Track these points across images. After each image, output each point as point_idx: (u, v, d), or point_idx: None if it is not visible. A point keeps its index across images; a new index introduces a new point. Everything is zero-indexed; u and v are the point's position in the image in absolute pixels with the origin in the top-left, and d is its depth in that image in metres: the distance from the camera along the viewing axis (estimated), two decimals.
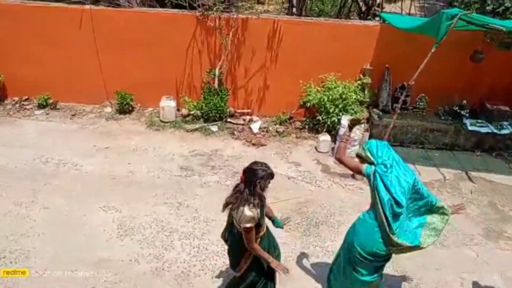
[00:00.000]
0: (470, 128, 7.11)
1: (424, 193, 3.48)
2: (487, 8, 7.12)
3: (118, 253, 4.51)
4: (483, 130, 7.11)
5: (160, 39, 7.31)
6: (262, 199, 3.16)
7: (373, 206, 3.44)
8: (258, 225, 3.20)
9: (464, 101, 7.35)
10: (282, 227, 3.67)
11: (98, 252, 4.49)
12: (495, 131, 7.08)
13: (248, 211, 3.01)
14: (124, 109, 7.66)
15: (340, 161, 3.58)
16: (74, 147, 6.52)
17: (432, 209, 3.53)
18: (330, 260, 4.57)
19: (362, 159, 3.49)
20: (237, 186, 3.17)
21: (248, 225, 3.02)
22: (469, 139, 7.21)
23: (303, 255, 4.68)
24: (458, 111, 7.34)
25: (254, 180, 3.03)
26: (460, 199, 5.97)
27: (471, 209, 5.77)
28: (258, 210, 3.09)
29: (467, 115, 7.30)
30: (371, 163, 3.41)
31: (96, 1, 7.88)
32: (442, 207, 3.55)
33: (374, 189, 3.34)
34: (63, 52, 7.44)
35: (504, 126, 7.12)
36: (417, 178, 3.47)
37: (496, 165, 6.93)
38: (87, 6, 7.24)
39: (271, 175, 3.13)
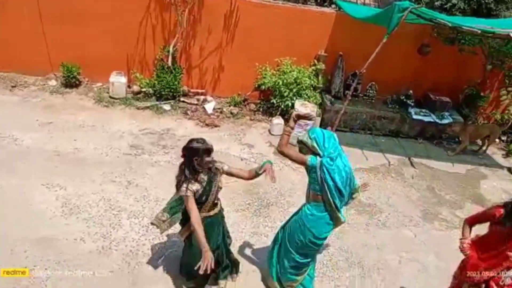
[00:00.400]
0: (414, 116, 7.50)
1: (353, 178, 3.61)
2: (436, 3, 7.48)
3: (63, 231, 4.33)
4: (426, 119, 7.53)
5: (112, 12, 6.97)
6: (211, 174, 3.25)
7: (315, 198, 3.48)
8: (200, 202, 3.25)
9: (411, 91, 7.72)
10: (263, 171, 3.40)
11: (41, 231, 4.27)
12: (437, 120, 7.51)
13: (184, 185, 3.14)
14: (71, 82, 7.26)
15: (283, 153, 3.41)
16: (15, 120, 6.10)
17: (353, 190, 3.70)
18: None
19: (304, 145, 3.43)
20: (181, 164, 3.25)
21: (183, 194, 3.16)
22: (413, 127, 7.61)
23: (252, 235, 4.75)
24: (405, 100, 7.70)
25: (191, 157, 3.11)
26: (403, 183, 6.31)
27: (412, 193, 6.12)
28: (200, 186, 3.19)
29: (412, 104, 7.68)
30: (315, 154, 3.36)
31: None
32: (357, 186, 3.73)
33: (321, 180, 3.34)
34: (1, 15, 6.87)
35: (445, 116, 7.58)
36: (351, 166, 3.56)
37: (436, 152, 7.39)
38: None
39: (207, 150, 3.16)
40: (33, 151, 5.54)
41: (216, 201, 3.41)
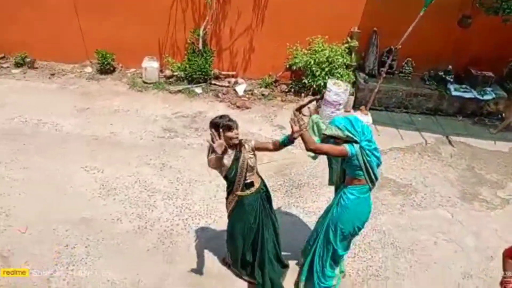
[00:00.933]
0: (454, 93, 7.16)
1: None
2: None
3: (101, 212, 4.53)
4: (467, 95, 7.17)
5: None
6: (237, 151, 3.28)
7: (356, 183, 3.35)
8: (229, 178, 3.31)
9: (450, 66, 7.36)
10: (290, 140, 3.22)
11: (81, 211, 4.49)
12: (478, 96, 7.14)
13: (212, 154, 3.19)
14: (105, 69, 7.46)
15: (316, 151, 3.24)
16: (54, 107, 6.38)
17: None
18: (310, 219, 4.69)
19: (335, 138, 3.26)
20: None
21: (210, 157, 3.22)
22: (452, 104, 7.28)
23: (284, 215, 4.77)
24: (444, 76, 7.35)
25: (214, 132, 3.14)
26: (440, 162, 6.09)
27: (450, 173, 5.90)
28: (228, 160, 3.23)
29: (452, 80, 7.33)
30: (349, 141, 3.21)
31: None
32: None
33: (364, 164, 3.22)
34: (40, 9, 7.12)
35: (487, 92, 7.19)
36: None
37: (477, 130, 7.04)
38: None
39: (227, 126, 3.17)
40: (72, 136, 5.78)
41: (250, 181, 3.38)
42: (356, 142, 3.20)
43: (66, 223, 4.32)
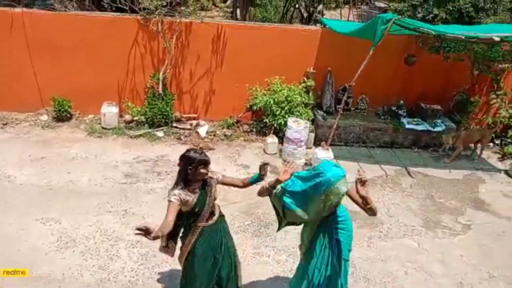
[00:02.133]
0: (407, 126, 7.52)
1: None
2: (418, 15, 7.64)
3: (60, 266, 4.22)
4: (419, 127, 7.56)
5: (100, 44, 7.03)
6: (205, 186, 3.21)
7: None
8: (194, 212, 3.20)
9: (401, 101, 7.78)
10: (260, 178, 3.31)
11: (38, 268, 4.16)
12: (430, 128, 7.54)
13: (172, 191, 3.11)
14: (62, 116, 7.25)
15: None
16: (6, 157, 6.05)
17: None
18: (281, 258, 4.63)
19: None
20: (178, 172, 3.23)
21: (168, 198, 3.10)
22: (406, 137, 7.63)
23: (254, 255, 4.66)
24: (396, 110, 7.75)
25: (186, 165, 3.09)
26: (401, 193, 6.27)
27: (411, 202, 6.07)
28: (193, 196, 3.13)
29: (404, 114, 7.72)
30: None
31: (27, 5, 7.45)
32: None
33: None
34: None
35: (438, 124, 7.61)
36: None
37: (432, 160, 7.37)
38: (18, 9, 6.82)
39: (203, 161, 3.11)
40: (26, 187, 5.47)
41: (213, 209, 3.33)
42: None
43: (21, 281, 3.97)
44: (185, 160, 3.11)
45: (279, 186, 3.20)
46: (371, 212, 3.21)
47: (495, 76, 7.78)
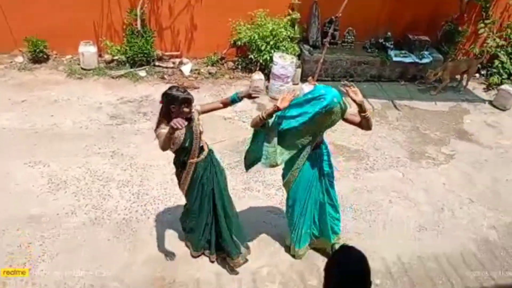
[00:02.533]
0: (394, 59, 7.44)
1: None
2: None
3: (53, 207, 4.26)
4: (407, 60, 7.49)
5: None
6: (190, 122, 3.15)
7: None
8: (185, 148, 3.19)
9: (389, 33, 7.61)
10: (241, 96, 3.26)
11: (30, 209, 4.19)
12: (417, 60, 7.47)
13: (157, 130, 3.07)
14: (38, 57, 6.93)
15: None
16: None
17: None
18: (270, 192, 4.75)
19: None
20: (159, 110, 3.17)
21: (156, 135, 3.08)
22: (394, 70, 7.58)
23: (244, 190, 4.77)
24: (384, 43, 7.60)
25: (168, 104, 3.03)
26: (388, 126, 6.35)
27: (397, 135, 6.17)
28: (179, 133, 3.07)
29: (392, 46, 7.60)
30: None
31: None
32: None
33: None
34: None
35: (425, 56, 7.54)
36: None
37: (418, 93, 7.40)
38: None
39: (187, 100, 3.03)
40: (9, 131, 5.35)
41: (201, 145, 3.34)
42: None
43: (15, 222, 4.02)
44: (168, 98, 3.02)
45: (274, 116, 3.17)
46: (367, 122, 3.27)
47: (485, 4, 7.61)
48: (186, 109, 3.06)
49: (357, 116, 3.29)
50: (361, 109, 3.21)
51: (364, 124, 3.31)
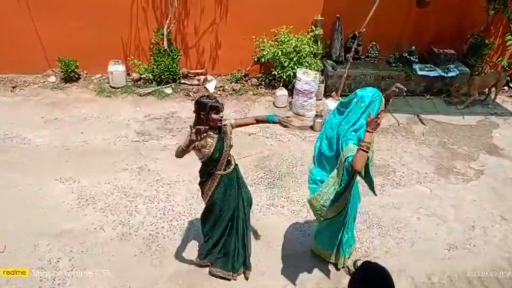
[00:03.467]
0: (419, 72, 7.36)
1: None
2: None
3: (82, 222, 4.37)
4: (432, 74, 7.39)
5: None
6: (221, 133, 3.29)
7: None
8: (213, 159, 3.29)
9: (413, 47, 7.55)
10: (275, 121, 3.34)
11: (60, 224, 4.32)
12: (443, 74, 7.36)
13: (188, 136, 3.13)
14: (70, 77, 7.21)
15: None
16: (20, 120, 6.10)
17: None
18: (295, 208, 4.72)
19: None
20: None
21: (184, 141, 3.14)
22: (419, 84, 7.48)
23: (269, 207, 4.77)
24: (408, 57, 7.54)
25: (198, 111, 3.19)
26: (414, 141, 6.25)
27: (424, 150, 6.07)
28: (209, 142, 3.21)
29: (416, 60, 7.53)
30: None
31: None
32: None
33: None
34: None
35: (451, 69, 7.42)
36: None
37: (445, 107, 7.27)
38: None
39: (214, 107, 3.17)
40: (42, 149, 5.56)
41: (229, 158, 3.44)
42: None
43: (46, 237, 4.14)
44: (198, 106, 3.20)
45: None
46: (357, 159, 2.96)
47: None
48: (215, 116, 3.18)
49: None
50: (367, 137, 2.93)
51: (357, 160, 2.95)
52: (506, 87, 7.93)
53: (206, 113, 3.15)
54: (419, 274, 4.02)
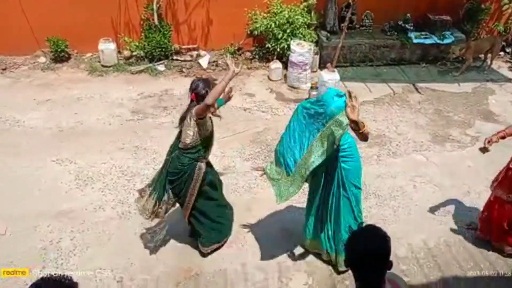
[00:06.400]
0: (415, 40, 7.26)
1: None
2: None
3: (81, 203, 4.39)
4: (428, 41, 7.30)
5: None
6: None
7: None
8: (211, 136, 3.55)
9: (408, 15, 7.43)
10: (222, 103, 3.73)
11: (60, 205, 4.34)
12: (439, 41, 7.27)
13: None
14: (60, 57, 7.08)
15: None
16: (12, 102, 6.03)
17: None
18: None
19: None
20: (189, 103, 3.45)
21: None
22: (414, 52, 7.40)
23: (265, 179, 4.78)
24: (403, 25, 7.43)
25: (204, 88, 3.35)
26: (409, 110, 6.24)
27: (420, 118, 6.07)
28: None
29: (411, 28, 7.41)
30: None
31: None
32: None
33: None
34: None
35: (447, 36, 7.33)
36: None
37: (440, 74, 7.22)
38: None
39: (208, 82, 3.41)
40: (36, 130, 5.52)
41: None
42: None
43: (46, 218, 4.17)
44: (197, 87, 3.38)
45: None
46: (362, 137, 3.02)
47: None
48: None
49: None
50: (356, 126, 2.89)
51: (359, 137, 3.05)
52: (502, 53, 7.86)
53: (210, 88, 3.28)
54: (417, 240, 4.09)
